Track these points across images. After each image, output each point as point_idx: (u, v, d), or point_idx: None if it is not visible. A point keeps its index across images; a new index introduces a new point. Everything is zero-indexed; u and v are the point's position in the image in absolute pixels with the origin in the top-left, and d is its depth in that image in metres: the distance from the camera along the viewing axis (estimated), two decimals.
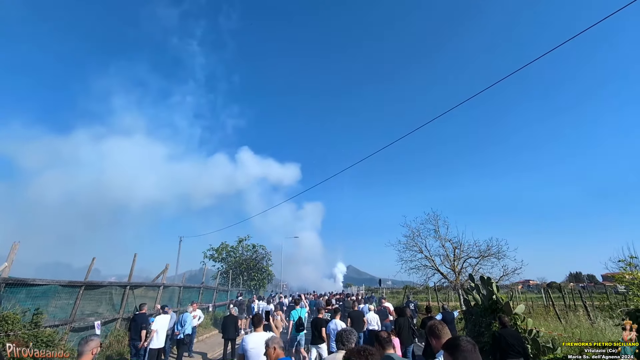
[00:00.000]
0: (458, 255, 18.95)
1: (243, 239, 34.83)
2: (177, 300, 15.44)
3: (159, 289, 13.79)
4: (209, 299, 19.55)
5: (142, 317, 9.24)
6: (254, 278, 32.20)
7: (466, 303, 11.25)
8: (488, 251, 18.19)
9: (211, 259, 33.31)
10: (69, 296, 9.09)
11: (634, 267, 11.91)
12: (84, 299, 9.55)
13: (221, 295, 22.26)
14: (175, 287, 15.95)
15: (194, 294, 17.75)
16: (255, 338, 4.98)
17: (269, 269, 34.43)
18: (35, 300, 7.83)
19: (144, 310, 9.45)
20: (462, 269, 18.75)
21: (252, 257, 33.71)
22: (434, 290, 22.72)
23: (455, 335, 2.40)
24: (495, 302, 9.65)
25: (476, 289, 10.86)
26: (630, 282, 11.20)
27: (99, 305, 10.44)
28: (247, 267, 32.47)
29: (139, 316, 9.27)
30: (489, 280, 10.33)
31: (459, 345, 2.13)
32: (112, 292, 11.06)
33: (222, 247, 33.88)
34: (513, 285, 26.98)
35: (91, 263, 10.07)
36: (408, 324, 8.59)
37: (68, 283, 8.99)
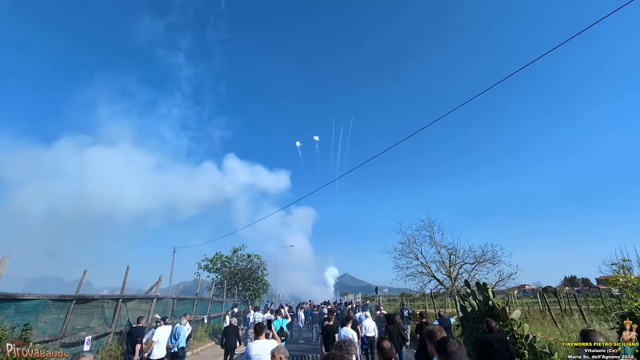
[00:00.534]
0: (454, 261, 18.96)
1: (238, 248, 34.52)
2: (171, 312, 15.18)
3: (152, 301, 13.56)
4: (203, 311, 19.26)
5: (139, 330, 9.09)
6: (249, 288, 31.82)
7: (462, 309, 11.19)
8: (483, 257, 18.23)
9: (206, 269, 32.92)
10: (60, 311, 8.90)
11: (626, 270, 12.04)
12: (75, 313, 9.36)
13: (216, 306, 21.95)
14: (169, 299, 15.71)
15: (188, 306, 17.49)
16: (259, 345, 5.15)
17: (265, 279, 34.08)
18: (24, 315, 7.66)
19: (140, 323, 9.30)
20: (458, 275, 18.75)
21: (247, 267, 33.37)
22: (431, 297, 22.66)
23: (443, 337, 2.81)
24: (491, 308, 9.61)
25: (472, 295, 10.82)
26: (623, 285, 11.30)
27: (91, 319, 10.23)
28: (242, 277, 32.10)
29: (135, 329, 9.11)
30: (485, 286, 10.31)
31: (446, 344, 2.54)
32: (104, 305, 10.86)
33: (217, 257, 33.50)
34: (509, 291, 27.04)
35: (82, 276, 9.90)
36: (397, 330, 8.98)
37: (58, 297, 8.81)
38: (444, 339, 2.67)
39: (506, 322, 8.75)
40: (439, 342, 2.68)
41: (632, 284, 11.17)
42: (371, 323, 10.91)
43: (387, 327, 8.99)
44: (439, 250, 19.43)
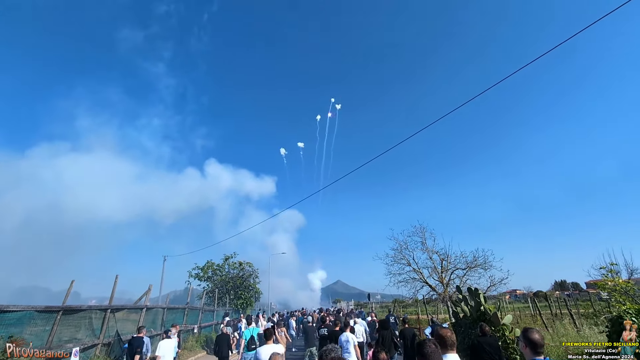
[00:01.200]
0: (445, 267, 19.08)
1: (229, 256, 34.17)
2: (160, 322, 14.90)
3: (141, 311, 13.29)
4: (194, 320, 18.92)
5: (139, 340, 8.92)
6: (240, 297, 31.45)
7: (455, 315, 11.23)
8: (475, 262, 18.39)
9: (196, 278, 32.44)
10: (46, 322, 8.66)
11: (614, 274, 12.27)
12: (62, 325, 9.12)
13: (207, 315, 21.60)
14: (158, 308, 15.42)
15: (179, 316, 17.18)
16: (267, 350, 5.63)
17: (257, 287, 33.74)
18: (8, 327, 7.42)
19: (142, 334, 9.13)
20: (450, 281, 18.85)
21: (239, 275, 33.01)
22: (423, 303, 22.69)
23: (422, 339, 3.02)
24: (483, 314, 9.67)
25: (464, 301, 10.88)
26: (612, 289, 11.50)
27: (78, 330, 9.97)
28: (233, 285, 31.73)
29: (135, 339, 8.95)
30: (477, 291, 10.38)
31: (423, 347, 2.73)
32: (92, 316, 10.60)
33: (208, 265, 33.09)
34: (500, 296, 27.21)
35: (70, 286, 9.69)
36: (390, 336, 9.09)
37: (45, 308, 8.58)
38: (421, 342, 2.84)
39: (498, 327, 8.80)
40: (417, 344, 2.87)
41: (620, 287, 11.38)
42: (360, 328, 11.02)
43: (380, 332, 9.03)
44: (430, 256, 19.57)
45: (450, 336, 3.16)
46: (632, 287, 11.40)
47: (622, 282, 11.84)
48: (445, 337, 3.14)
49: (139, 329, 9.30)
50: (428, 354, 2.67)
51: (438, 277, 19.06)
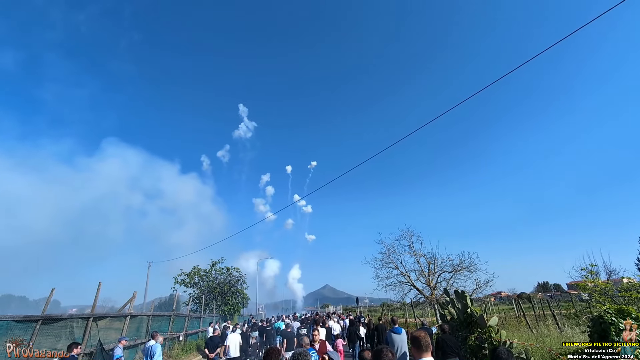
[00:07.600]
0: (432, 270, 19.26)
1: (216, 262, 33.73)
2: (145, 330, 14.55)
3: (125, 319, 12.96)
4: (180, 328, 18.56)
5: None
6: (228, 303, 31.02)
7: (442, 318, 11.35)
8: (461, 265, 18.63)
9: (182, 284, 31.83)
10: (24, 332, 8.34)
11: (594, 275, 12.67)
12: (41, 335, 8.80)
13: (193, 322, 21.20)
14: (143, 316, 15.06)
15: (164, 323, 16.81)
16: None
17: (244, 293, 33.35)
18: None
19: (160, 340, 9.74)
20: (437, 284, 19.03)
21: (226, 281, 32.56)
22: (411, 306, 22.85)
23: (379, 347, 3.11)
24: (470, 316, 9.80)
25: (451, 303, 11.01)
26: (592, 290, 11.86)
27: (58, 340, 9.64)
28: (220, 291, 31.27)
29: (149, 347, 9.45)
30: (463, 293, 10.52)
31: (380, 354, 2.89)
32: (74, 325, 10.27)
33: (194, 271, 32.53)
34: (486, 298, 27.65)
35: (50, 294, 9.39)
36: (354, 330, 13.60)
37: (23, 318, 8.27)
38: (378, 349, 2.99)
39: (484, 329, 8.92)
40: (375, 351, 3.03)
41: (599, 288, 11.74)
42: (336, 325, 15.24)
43: (349, 328, 14.33)
44: (418, 259, 19.72)
45: (424, 337, 3.05)
46: (611, 287, 11.79)
47: (601, 283, 12.24)
48: (420, 339, 3.03)
49: (153, 334, 9.63)
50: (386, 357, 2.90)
51: (425, 280, 19.23)
